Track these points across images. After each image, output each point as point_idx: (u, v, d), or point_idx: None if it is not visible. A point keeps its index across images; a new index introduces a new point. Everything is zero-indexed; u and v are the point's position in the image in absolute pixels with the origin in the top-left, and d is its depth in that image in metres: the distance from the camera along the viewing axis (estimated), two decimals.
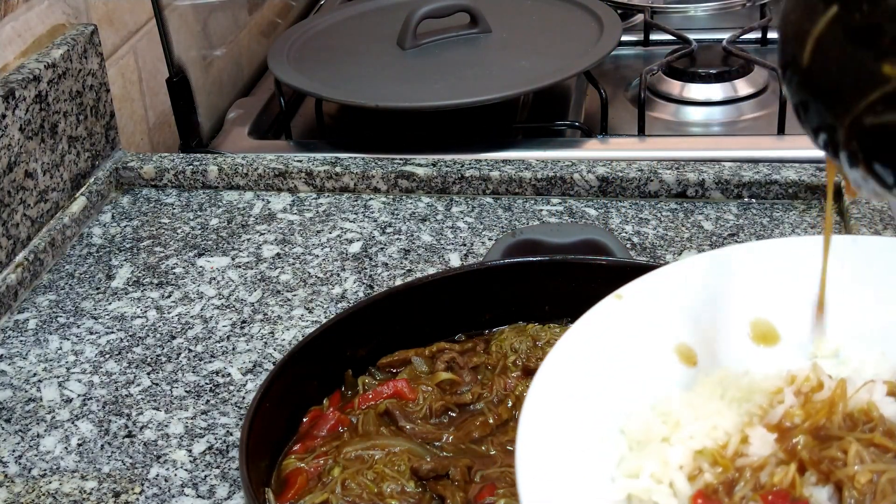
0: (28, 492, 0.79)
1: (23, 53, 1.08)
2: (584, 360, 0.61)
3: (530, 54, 1.30)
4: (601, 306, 0.64)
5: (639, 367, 0.62)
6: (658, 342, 0.63)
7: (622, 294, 0.64)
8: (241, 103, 1.42)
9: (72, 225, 1.10)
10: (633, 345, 0.63)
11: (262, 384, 0.74)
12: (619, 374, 0.61)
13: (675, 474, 0.54)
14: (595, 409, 0.59)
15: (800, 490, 0.52)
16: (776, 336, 0.64)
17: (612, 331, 0.63)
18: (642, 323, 0.64)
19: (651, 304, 0.64)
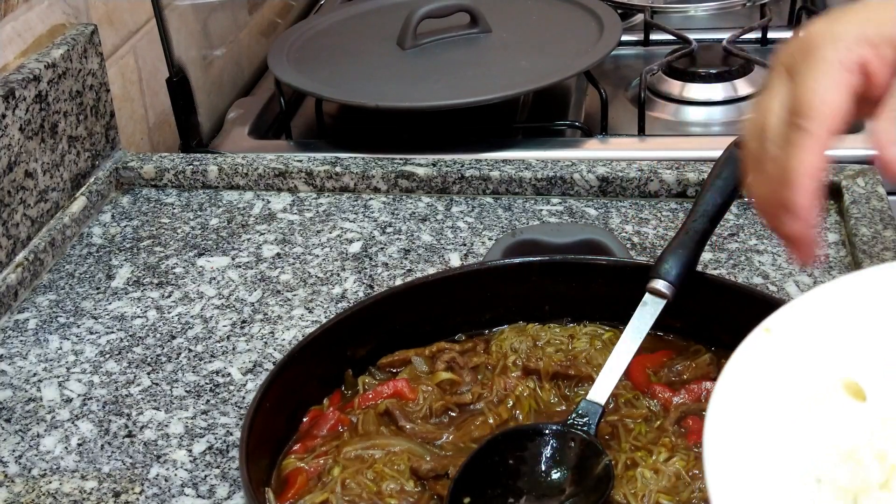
0: (28, 492, 0.79)
1: (23, 53, 1.08)
2: (748, 404, 0.56)
3: (530, 54, 1.30)
4: (750, 343, 0.59)
5: (807, 406, 0.58)
6: (820, 379, 0.59)
7: (770, 327, 0.59)
8: (241, 103, 1.42)
9: (72, 225, 1.10)
10: (793, 384, 0.58)
11: (262, 384, 0.74)
12: (788, 415, 0.57)
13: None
14: (777, 457, 0.55)
15: None
16: None
17: (766, 369, 0.58)
18: (797, 359, 0.59)
19: (803, 336, 0.60)
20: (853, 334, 0.60)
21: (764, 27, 1.50)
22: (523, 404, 0.78)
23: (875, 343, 0.60)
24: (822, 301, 0.61)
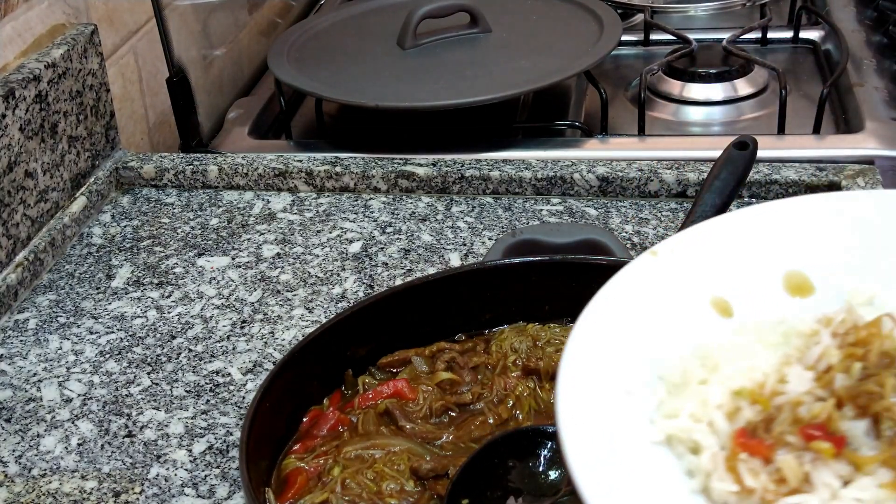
0: (28, 491, 0.79)
1: (23, 53, 1.08)
2: (621, 313, 0.62)
3: (530, 54, 1.30)
4: (636, 263, 0.65)
5: (675, 318, 0.63)
6: (693, 296, 0.64)
7: (657, 251, 0.65)
8: (241, 103, 1.42)
9: (72, 225, 1.10)
10: (668, 298, 0.64)
11: (262, 384, 0.74)
12: (655, 325, 0.62)
13: (714, 413, 0.55)
14: (632, 359, 0.60)
15: (836, 424, 0.52)
16: (810, 287, 0.65)
17: (647, 286, 0.64)
18: (677, 278, 0.65)
19: (685, 259, 0.65)
20: (730, 260, 0.65)
21: (764, 27, 1.50)
22: (523, 404, 0.78)
23: (749, 268, 0.65)
24: (707, 231, 0.67)
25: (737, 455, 0.52)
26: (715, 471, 0.52)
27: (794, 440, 0.52)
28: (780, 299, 0.64)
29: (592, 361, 0.59)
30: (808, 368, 0.56)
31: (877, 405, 0.52)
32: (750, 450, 0.52)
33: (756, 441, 0.52)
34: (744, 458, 0.52)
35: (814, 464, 0.51)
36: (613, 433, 0.55)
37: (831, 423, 0.52)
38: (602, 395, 0.57)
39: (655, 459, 0.54)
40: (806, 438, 0.52)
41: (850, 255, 0.65)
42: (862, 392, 0.53)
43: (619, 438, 0.55)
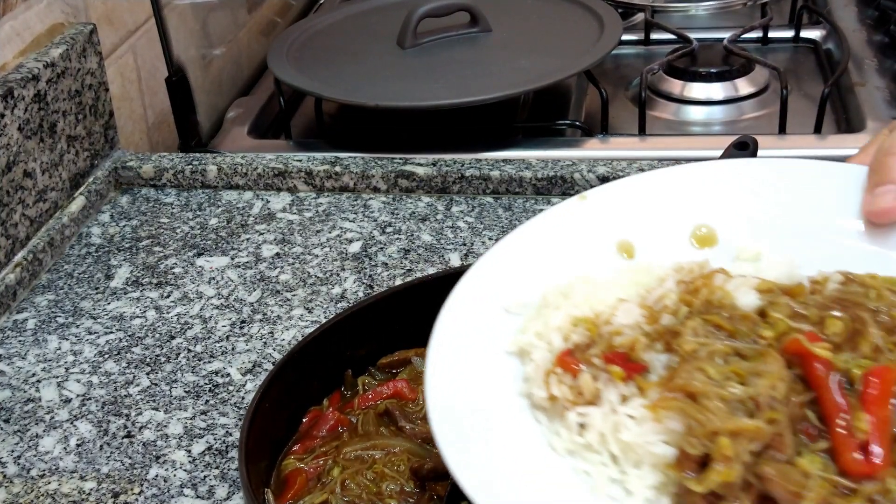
0: (27, 492, 0.79)
1: (21, 52, 1.08)
2: (534, 245, 0.70)
3: (530, 53, 1.30)
4: (565, 204, 0.73)
5: (579, 254, 0.70)
6: (605, 237, 0.71)
7: (586, 195, 0.73)
8: (240, 102, 1.42)
9: (70, 224, 1.09)
10: (582, 237, 0.71)
11: (262, 384, 0.73)
12: (558, 258, 0.70)
13: (553, 334, 0.63)
14: (525, 283, 0.68)
15: (638, 353, 0.59)
16: (714, 240, 0.71)
17: (567, 224, 0.72)
18: (597, 220, 0.72)
19: (610, 205, 0.73)
20: (651, 209, 0.72)
21: (764, 26, 1.50)
22: None
23: (666, 218, 0.72)
24: (637, 182, 0.74)
25: (553, 369, 0.61)
26: (535, 379, 0.61)
27: (598, 362, 0.60)
28: (682, 248, 0.70)
29: (489, 281, 0.68)
30: (642, 306, 0.63)
31: (675, 342, 0.59)
32: (564, 366, 0.60)
33: (572, 359, 0.60)
34: (558, 373, 0.60)
35: (606, 384, 0.59)
36: (480, 342, 0.64)
37: (634, 352, 0.60)
38: (484, 311, 0.66)
39: (505, 365, 0.63)
40: (606, 361, 0.59)
41: (760, 215, 0.71)
42: (669, 330, 0.60)
43: (483, 345, 0.64)
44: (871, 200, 0.67)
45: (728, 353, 0.57)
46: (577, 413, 0.58)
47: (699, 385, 0.55)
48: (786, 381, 0.55)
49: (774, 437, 0.54)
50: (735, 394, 0.54)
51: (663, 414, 0.55)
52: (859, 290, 0.61)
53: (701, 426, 0.54)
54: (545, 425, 0.60)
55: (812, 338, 0.57)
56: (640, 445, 0.56)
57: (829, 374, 0.56)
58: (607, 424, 0.57)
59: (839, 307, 0.60)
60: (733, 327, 0.60)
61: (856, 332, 0.58)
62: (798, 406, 0.55)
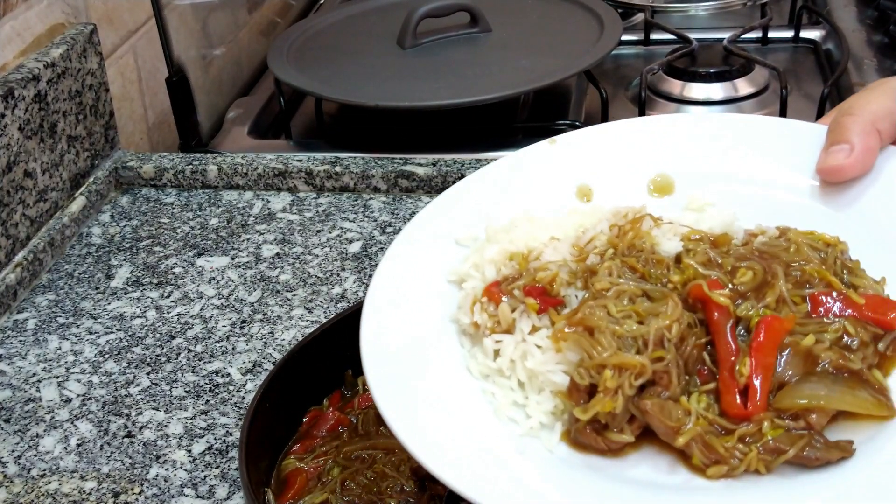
0: (27, 492, 0.79)
1: (22, 53, 1.08)
2: (498, 183, 0.73)
3: (530, 53, 1.30)
4: (532, 147, 0.75)
5: (537, 194, 0.73)
6: (565, 179, 0.74)
7: (556, 139, 0.76)
8: (240, 103, 1.42)
9: (71, 225, 1.10)
10: (544, 179, 0.74)
11: (262, 384, 0.73)
12: (516, 198, 0.72)
13: (487, 265, 0.66)
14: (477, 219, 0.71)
15: (557, 288, 0.63)
16: (671, 188, 0.73)
17: (532, 166, 0.74)
18: (561, 163, 0.74)
19: (576, 150, 0.75)
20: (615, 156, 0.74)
21: (764, 27, 1.50)
22: None
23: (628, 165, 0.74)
24: (606, 129, 0.76)
25: (480, 298, 0.64)
26: (464, 307, 0.65)
27: (518, 294, 0.63)
28: (638, 195, 0.72)
29: (446, 214, 0.71)
30: (574, 246, 0.67)
31: (590, 281, 0.63)
32: (489, 296, 0.64)
33: (497, 290, 0.64)
34: (483, 301, 0.64)
35: (521, 314, 0.62)
36: (427, 270, 0.68)
37: (553, 287, 0.63)
38: (436, 242, 0.70)
39: (444, 292, 0.67)
40: (525, 294, 0.63)
41: (719, 167, 0.73)
42: (589, 269, 0.64)
43: (429, 274, 0.68)
44: (823, 158, 0.69)
45: (637, 294, 0.61)
46: (493, 340, 0.62)
47: (596, 320, 0.59)
48: (682, 324, 0.58)
49: (660, 375, 0.57)
50: (628, 331, 0.58)
51: (563, 345, 0.59)
52: (782, 245, 0.64)
53: (590, 358, 0.58)
54: (466, 349, 0.64)
55: (714, 285, 0.60)
56: (542, 373, 0.60)
57: (725, 320, 0.59)
58: (517, 352, 0.61)
59: (756, 259, 0.62)
60: (646, 270, 0.63)
61: (765, 282, 0.61)
62: (696, 348, 0.58)
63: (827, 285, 0.61)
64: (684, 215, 0.69)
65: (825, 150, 0.69)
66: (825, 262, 0.63)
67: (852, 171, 0.67)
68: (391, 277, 0.67)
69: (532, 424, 0.59)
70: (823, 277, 0.61)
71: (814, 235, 0.64)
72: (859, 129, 0.67)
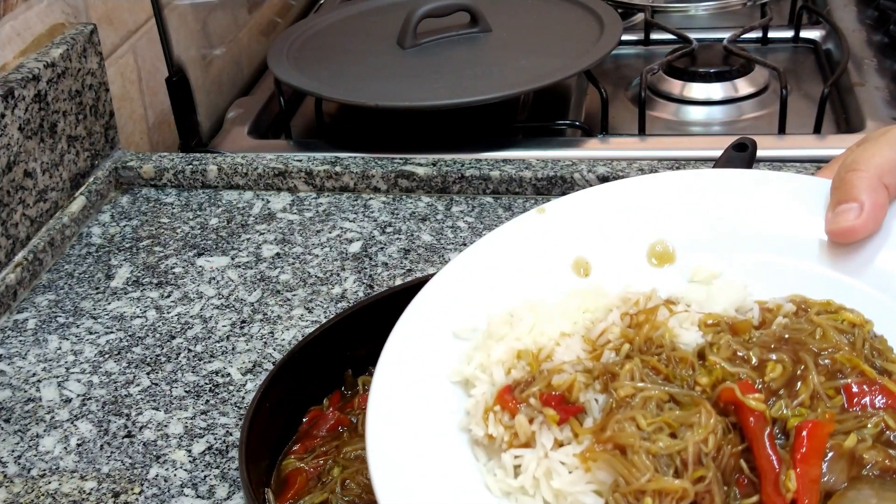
0: (27, 492, 0.79)
1: (22, 53, 1.08)
2: (488, 262, 0.69)
3: (530, 54, 1.30)
4: (523, 217, 0.71)
5: (533, 275, 0.69)
6: (560, 254, 0.70)
7: (545, 208, 0.72)
8: (240, 103, 1.42)
9: (71, 224, 1.10)
10: (538, 253, 0.70)
11: (262, 384, 0.73)
12: (510, 279, 0.68)
13: (495, 367, 0.62)
14: (476, 304, 0.67)
15: (576, 395, 0.59)
16: (672, 257, 0.70)
17: (524, 240, 0.70)
18: (554, 235, 0.71)
19: (568, 219, 0.71)
20: (610, 223, 0.71)
21: (764, 27, 1.50)
22: None
23: (624, 233, 0.71)
24: (597, 195, 0.73)
25: (493, 407, 0.60)
26: (475, 416, 0.61)
27: (535, 403, 0.59)
28: (638, 266, 0.69)
29: (440, 303, 0.67)
30: (586, 340, 0.63)
31: (611, 385, 0.58)
32: (503, 404, 0.60)
33: (511, 397, 0.60)
34: (496, 410, 0.60)
35: (541, 426, 0.58)
36: (426, 368, 0.64)
37: (572, 393, 0.59)
38: (433, 336, 0.65)
39: (449, 394, 0.63)
40: (543, 403, 0.59)
41: (718, 229, 0.70)
42: (607, 371, 0.59)
43: (429, 372, 0.63)
44: (832, 219, 0.66)
45: (663, 399, 0.57)
46: (512, 455, 0.58)
47: (628, 438, 0.55)
48: (717, 435, 0.55)
49: (702, 495, 0.54)
50: (663, 449, 0.54)
51: (593, 464, 0.55)
52: (806, 328, 0.61)
53: (627, 483, 0.54)
54: (483, 463, 0.60)
55: (746, 388, 0.57)
56: (571, 493, 0.56)
57: (761, 426, 0.55)
58: (540, 469, 0.57)
59: (782, 347, 0.59)
60: (670, 371, 0.59)
61: (795, 376, 0.58)
62: (732, 457, 0.55)
63: (860, 374, 0.58)
64: (691, 289, 0.66)
65: (832, 210, 0.66)
66: (854, 346, 0.59)
67: (864, 231, 0.64)
68: (391, 382, 0.63)
69: None
70: (856, 366, 0.58)
71: (838, 315, 0.61)
72: (866, 186, 0.64)
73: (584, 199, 0.73)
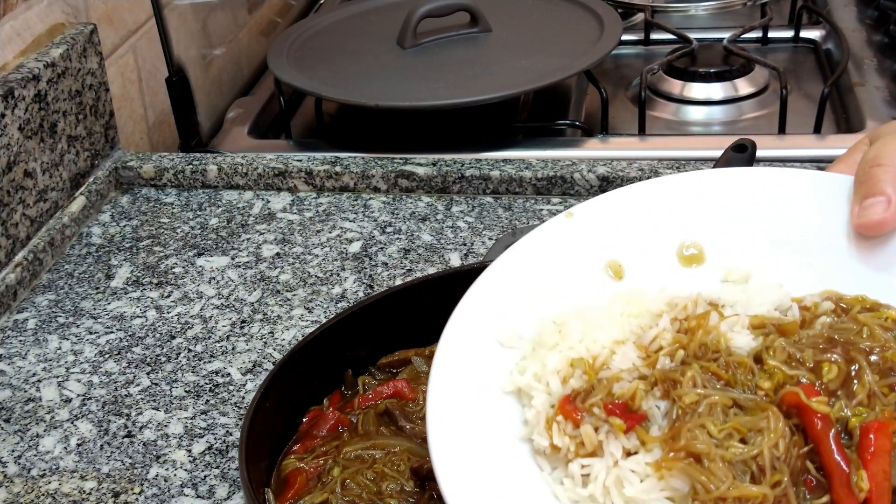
0: (27, 492, 0.79)
1: (22, 53, 1.08)
2: (525, 268, 0.69)
3: (530, 53, 1.30)
4: (552, 222, 0.72)
5: (570, 277, 0.69)
6: (594, 257, 0.70)
7: (573, 212, 0.72)
8: (240, 102, 1.42)
9: (71, 224, 1.10)
10: (571, 258, 0.70)
11: (262, 384, 0.73)
12: (550, 282, 0.69)
13: (551, 377, 0.63)
14: (519, 313, 0.67)
15: (639, 403, 0.60)
16: (702, 258, 0.71)
17: (555, 244, 0.71)
18: (585, 239, 0.71)
19: (597, 222, 0.72)
20: (638, 225, 0.71)
21: (764, 26, 1.50)
22: None
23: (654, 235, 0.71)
24: (624, 197, 0.73)
25: (555, 417, 0.61)
26: (536, 426, 0.61)
27: (598, 412, 0.59)
28: (669, 266, 0.70)
29: (483, 312, 0.67)
30: (639, 347, 0.63)
31: (674, 392, 0.59)
32: (565, 414, 0.60)
33: (573, 407, 0.60)
34: (559, 420, 0.60)
35: (608, 435, 0.59)
36: (478, 380, 0.64)
37: (634, 401, 0.60)
38: (480, 346, 0.65)
39: (504, 405, 0.63)
40: (607, 412, 0.59)
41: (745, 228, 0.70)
42: (668, 378, 0.60)
43: (481, 384, 0.64)
44: (860, 213, 0.66)
45: (727, 405, 0.58)
46: (580, 464, 0.59)
47: (703, 447, 0.56)
48: (786, 438, 0.56)
49: (779, 499, 0.55)
50: (738, 455, 0.55)
51: (666, 473, 0.56)
52: (851, 328, 0.62)
53: (706, 491, 0.54)
54: (548, 473, 0.60)
55: (809, 391, 0.58)
56: (645, 501, 0.56)
57: (827, 429, 0.56)
58: (610, 478, 0.58)
59: (833, 347, 0.60)
60: (731, 376, 0.60)
61: (849, 376, 0.59)
62: (799, 458, 0.56)
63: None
64: (726, 289, 0.67)
65: (858, 204, 0.67)
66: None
67: (892, 223, 0.65)
68: (445, 393, 0.63)
69: None
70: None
71: (880, 313, 0.62)
72: (891, 179, 0.65)
73: (612, 201, 0.73)
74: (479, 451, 0.61)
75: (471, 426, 0.62)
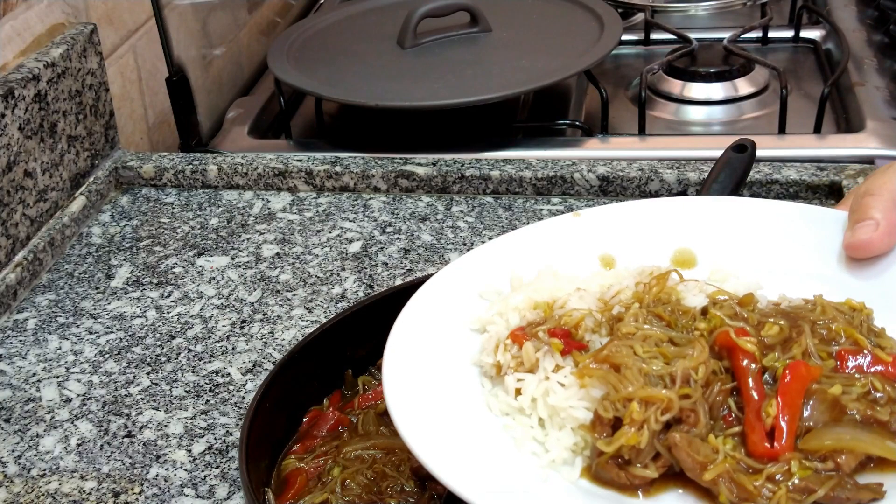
0: (27, 492, 0.79)
1: (22, 52, 1.08)
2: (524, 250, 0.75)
3: (530, 53, 1.30)
4: (560, 218, 0.78)
5: (561, 260, 0.74)
6: (590, 250, 0.75)
7: (581, 213, 0.78)
8: (240, 102, 1.42)
9: (71, 224, 1.10)
10: (568, 247, 0.75)
11: (262, 384, 0.73)
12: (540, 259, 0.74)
13: (511, 312, 0.68)
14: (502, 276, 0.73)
15: (582, 333, 0.64)
16: (693, 263, 0.74)
17: (557, 235, 0.76)
18: (586, 236, 0.76)
19: (600, 224, 0.77)
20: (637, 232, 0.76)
21: (764, 26, 1.50)
22: None
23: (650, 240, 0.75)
24: (630, 208, 0.78)
25: (504, 341, 0.65)
26: (487, 349, 0.66)
27: (542, 336, 0.64)
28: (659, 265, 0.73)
29: (471, 271, 0.73)
30: (599, 299, 0.68)
31: (616, 327, 0.64)
32: (514, 338, 0.65)
33: (522, 334, 0.65)
34: (507, 343, 0.65)
35: (545, 354, 0.63)
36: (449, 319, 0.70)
37: (577, 331, 0.65)
38: (459, 295, 0.71)
39: (465, 337, 0.69)
40: (550, 335, 0.64)
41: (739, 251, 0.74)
42: (615, 317, 0.65)
43: (451, 322, 0.69)
44: (850, 234, 0.70)
45: (662, 339, 0.62)
46: (515, 378, 0.63)
47: (623, 358, 0.59)
48: (708, 367, 0.59)
49: (687, 413, 0.57)
50: (655, 369, 0.59)
51: (588, 381, 0.60)
52: (808, 308, 0.64)
53: (616, 392, 0.58)
54: (487, 389, 0.65)
55: (741, 332, 0.60)
56: (564, 409, 0.60)
57: (750, 365, 0.59)
58: (539, 390, 0.62)
59: (782, 317, 0.62)
60: (672, 318, 0.64)
61: (791, 338, 0.62)
62: (721, 394, 0.59)
63: (854, 343, 0.61)
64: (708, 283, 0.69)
65: (850, 229, 0.70)
66: (851, 323, 0.63)
67: (880, 245, 0.69)
68: (412, 323, 0.68)
69: (553, 458, 0.59)
70: (850, 335, 0.62)
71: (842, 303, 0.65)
72: (882, 207, 0.69)
73: (620, 209, 0.78)
74: (430, 375, 0.65)
75: (430, 352, 0.67)
